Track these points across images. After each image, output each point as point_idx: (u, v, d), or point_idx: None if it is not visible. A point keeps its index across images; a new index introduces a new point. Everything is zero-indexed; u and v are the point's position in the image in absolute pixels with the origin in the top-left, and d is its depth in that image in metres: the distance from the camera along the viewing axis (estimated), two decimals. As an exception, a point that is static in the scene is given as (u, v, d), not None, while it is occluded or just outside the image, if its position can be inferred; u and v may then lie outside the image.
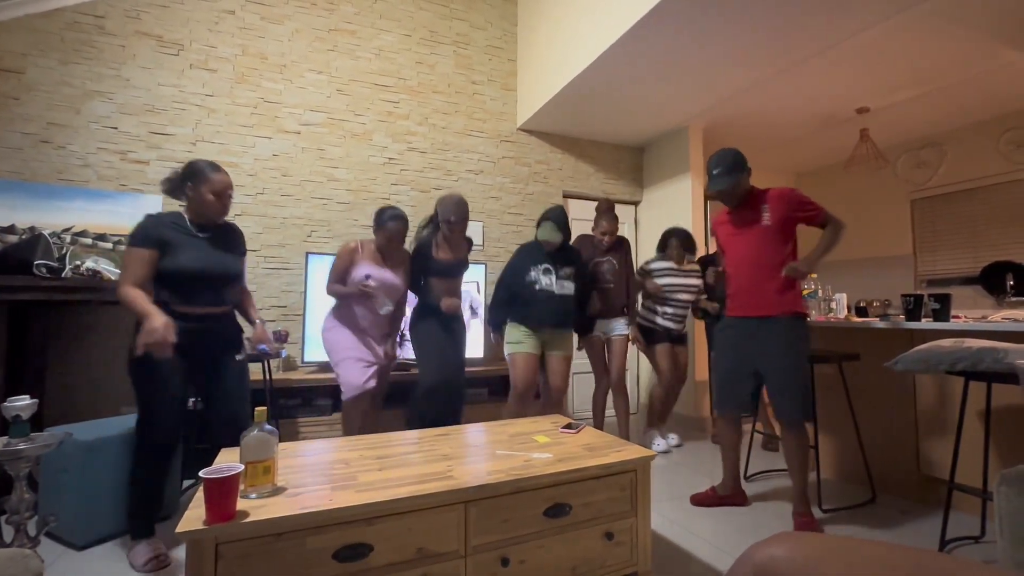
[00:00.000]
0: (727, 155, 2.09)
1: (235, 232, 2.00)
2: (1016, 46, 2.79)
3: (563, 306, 2.64)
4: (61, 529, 1.79)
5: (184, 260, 1.74)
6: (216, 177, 1.81)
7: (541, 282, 2.59)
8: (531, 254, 2.67)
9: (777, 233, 2.05)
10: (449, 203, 2.49)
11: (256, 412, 1.24)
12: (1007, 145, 3.81)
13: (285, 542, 1.11)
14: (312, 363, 2.98)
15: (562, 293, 2.61)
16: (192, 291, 1.77)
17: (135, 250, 1.69)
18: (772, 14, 2.42)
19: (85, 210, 2.72)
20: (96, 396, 2.68)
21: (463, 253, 2.64)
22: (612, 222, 2.97)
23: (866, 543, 0.66)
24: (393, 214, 2.43)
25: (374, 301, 2.33)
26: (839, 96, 3.42)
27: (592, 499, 1.46)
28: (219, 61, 3.06)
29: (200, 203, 1.80)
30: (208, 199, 1.80)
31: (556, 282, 2.60)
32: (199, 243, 1.81)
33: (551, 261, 2.63)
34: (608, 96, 3.39)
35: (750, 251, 2.11)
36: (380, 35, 3.50)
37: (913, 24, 2.54)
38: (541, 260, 2.63)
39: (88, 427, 1.95)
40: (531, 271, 2.61)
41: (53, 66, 2.73)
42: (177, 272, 1.73)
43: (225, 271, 1.85)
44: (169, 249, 1.73)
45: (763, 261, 2.06)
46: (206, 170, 1.81)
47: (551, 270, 2.61)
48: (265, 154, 3.14)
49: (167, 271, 1.72)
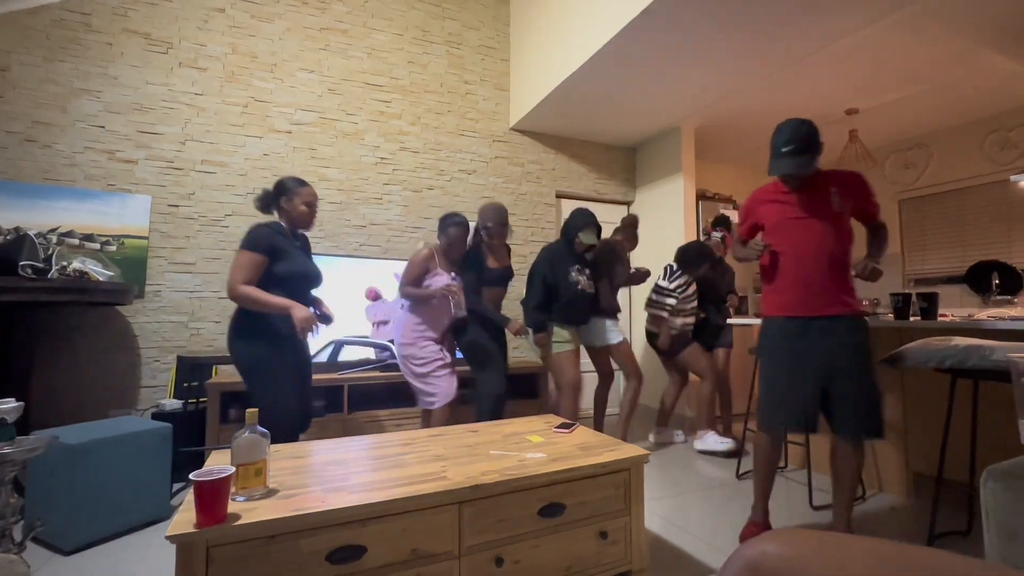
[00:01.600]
0: (801, 130, 1.73)
1: (307, 240, 2.22)
2: (999, 50, 2.84)
3: (591, 303, 2.85)
4: (48, 534, 1.77)
5: (294, 265, 1.96)
6: (306, 190, 2.03)
7: (581, 282, 2.74)
8: (567, 256, 2.78)
9: (847, 221, 1.81)
10: (488, 210, 2.59)
11: (247, 414, 1.23)
12: (991, 146, 3.88)
13: (277, 545, 1.10)
14: (304, 364, 2.95)
15: (591, 292, 2.82)
16: (297, 291, 1.97)
17: (251, 254, 1.86)
18: (762, 16, 2.45)
19: (71, 210, 2.68)
20: (83, 399, 2.65)
21: (507, 261, 2.73)
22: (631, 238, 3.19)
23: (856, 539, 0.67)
24: (455, 220, 2.52)
25: (453, 303, 2.40)
26: (828, 97, 3.46)
27: (586, 498, 1.46)
28: (209, 60, 3.03)
29: (295, 214, 2.01)
30: (302, 210, 2.01)
31: (585, 281, 2.77)
32: (296, 250, 2.02)
33: (580, 261, 2.79)
34: (600, 96, 3.40)
35: (816, 239, 1.78)
36: (372, 34, 3.48)
37: (900, 27, 2.57)
38: (575, 261, 2.77)
39: (75, 430, 1.92)
40: (571, 272, 2.73)
41: (38, 63, 2.68)
42: (291, 275, 1.94)
43: (318, 274, 2.10)
44: (280, 255, 1.93)
45: (832, 252, 1.77)
46: (295, 185, 2.03)
47: (582, 270, 2.77)
48: (256, 154, 3.11)
49: (282, 274, 1.92)
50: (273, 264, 1.91)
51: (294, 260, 1.97)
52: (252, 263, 1.87)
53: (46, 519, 1.65)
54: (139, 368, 2.79)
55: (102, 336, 2.72)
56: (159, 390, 2.81)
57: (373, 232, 3.40)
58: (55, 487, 1.76)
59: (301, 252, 2.06)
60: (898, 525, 2.03)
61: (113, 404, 2.72)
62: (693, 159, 3.91)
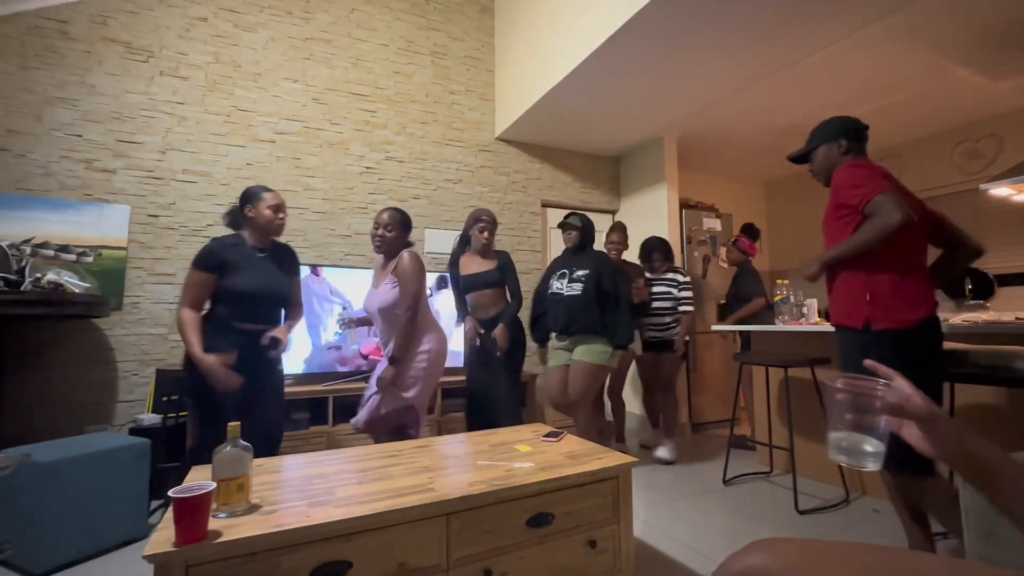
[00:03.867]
0: (826, 121, 1.74)
1: (289, 253, 2.10)
2: (966, 63, 2.96)
3: (569, 306, 2.55)
4: (17, 557, 1.70)
5: (244, 281, 1.85)
6: (268, 195, 1.95)
7: (554, 287, 2.68)
8: (556, 263, 2.79)
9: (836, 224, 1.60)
10: (478, 211, 2.64)
11: (229, 428, 1.21)
12: (960, 156, 4.02)
13: (260, 562, 1.07)
14: (289, 376, 2.90)
15: (570, 294, 2.57)
16: (250, 309, 1.86)
17: (196, 273, 1.80)
18: (740, 31, 2.51)
19: (46, 220, 2.61)
20: (56, 414, 2.56)
21: (491, 264, 2.58)
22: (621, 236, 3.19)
23: (840, 546, 0.68)
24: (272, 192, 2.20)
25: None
26: (805, 108, 3.55)
27: (574, 507, 1.46)
28: (190, 68, 3.00)
29: (261, 221, 1.93)
30: (267, 215, 1.92)
31: (567, 285, 2.62)
32: (259, 263, 1.92)
33: (569, 265, 2.68)
34: (584, 107, 3.44)
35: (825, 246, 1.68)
36: (357, 44, 3.49)
37: (872, 41, 2.67)
38: (562, 266, 2.71)
39: (47, 447, 1.85)
40: (552, 279, 2.71)
41: (12, 71, 2.63)
42: (236, 291, 1.84)
43: (280, 291, 1.97)
44: (230, 270, 1.84)
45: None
46: (260, 191, 1.95)
47: (566, 274, 2.66)
48: (239, 163, 3.08)
49: (227, 290, 1.83)
50: (222, 280, 1.83)
51: (245, 275, 1.86)
52: (198, 282, 1.80)
53: (15, 541, 1.59)
54: (116, 382, 2.72)
55: (77, 349, 2.64)
56: (137, 404, 2.73)
57: (358, 242, 3.37)
58: (25, 507, 1.70)
59: (264, 265, 1.94)
60: (888, 527, 2.06)
61: (88, 419, 2.63)
62: (676, 168, 3.98)
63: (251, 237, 1.96)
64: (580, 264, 2.61)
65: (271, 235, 1.98)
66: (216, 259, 1.82)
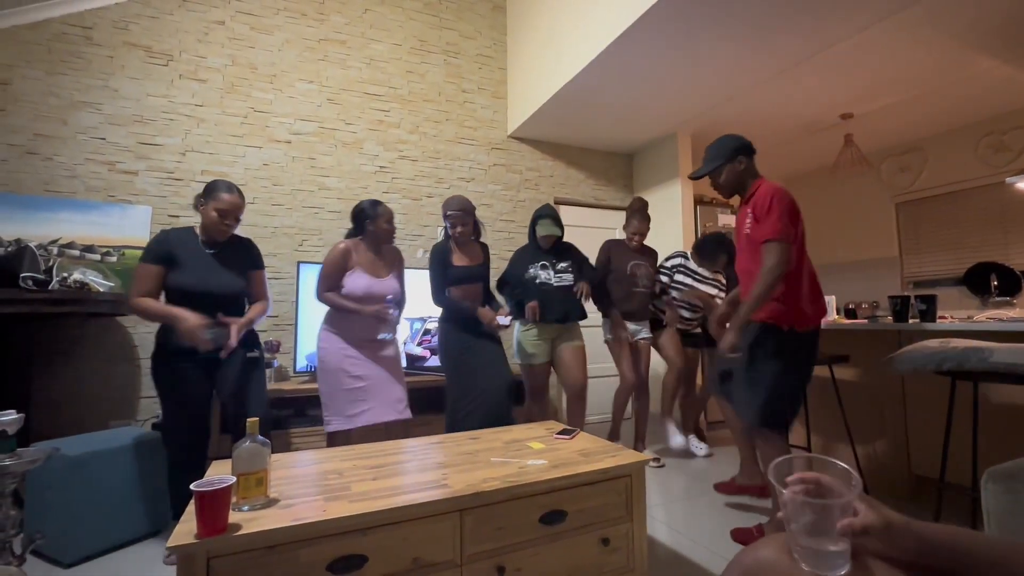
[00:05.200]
0: (719, 141, 1.98)
1: (246, 248, 2.05)
2: (991, 54, 2.87)
3: (563, 296, 2.61)
4: (48, 547, 1.76)
5: (184, 278, 1.82)
6: (225, 197, 1.88)
7: (540, 276, 2.63)
8: (526, 254, 2.73)
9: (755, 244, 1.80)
10: (451, 201, 2.48)
11: (248, 423, 1.23)
12: (985, 149, 3.90)
13: (278, 555, 1.09)
14: (304, 373, 2.95)
15: (560, 285, 2.63)
16: (194, 308, 1.78)
17: (144, 265, 1.79)
18: (756, 23, 2.47)
19: (72, 221, 2.69)
20: (83, 410, 2.64)
21: (480, 258, 2.57)
22: (643, 222, 2.99)
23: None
24: (383, 206, 2.31)
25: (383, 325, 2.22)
26: (823, 102, 3.48)
27: (587, 505, 1.46)
28: (209, 71, 3.06)
29: (205, 219, 1.89)
30: (211, 216, 1.87)
31: (554, 276, 2.64)
32: (205, 260, 1.88)
33: (547, 257, 2.68)
34: (597, 104, 3.42)
35: (741, 258, 1.95)
36: (370, 45, 3.52)
37: (894, 32, 2.60)
38: (539, 258, 2.68)
39: (75, 442, 1.92)
40: (529, 269, 2.65)
41: (40, 77, 2.71)
42: (177, 289, 1.82)
43: (223, 290, 1.90)
44: (175, 265, 1.81)
45: (747, 274, 1.88)
46: (219, 189, 1.89)
47: (548, 265, 2.66)
48: (255, 163, 3.13)
49: (169, 287, 1.82)
50: (167, 275, 1.81)
51: (187, 272, 1.82)
52: (145, 274, 1.78)
53: (45, 531, 1.64)
54: (139, 378, 2.79)
55: (103, 347, 2.72)
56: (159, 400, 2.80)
57: (372, 240, 3.41)
58: (55, 499, 1.76)
59: (210, 263, 1.88)
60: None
61: (113, 415, 2.71)
62: (690, 165, 3.93)
63: (201, 232, 1.92)
64: (558, 255, 2.70)
65: (214, 237, 1.92)
66: (162, 251, 1.80)
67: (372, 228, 2.25)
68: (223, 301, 1.91)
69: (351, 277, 2.21)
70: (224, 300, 1.91)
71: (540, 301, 2.57)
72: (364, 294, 2.20)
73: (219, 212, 1.87)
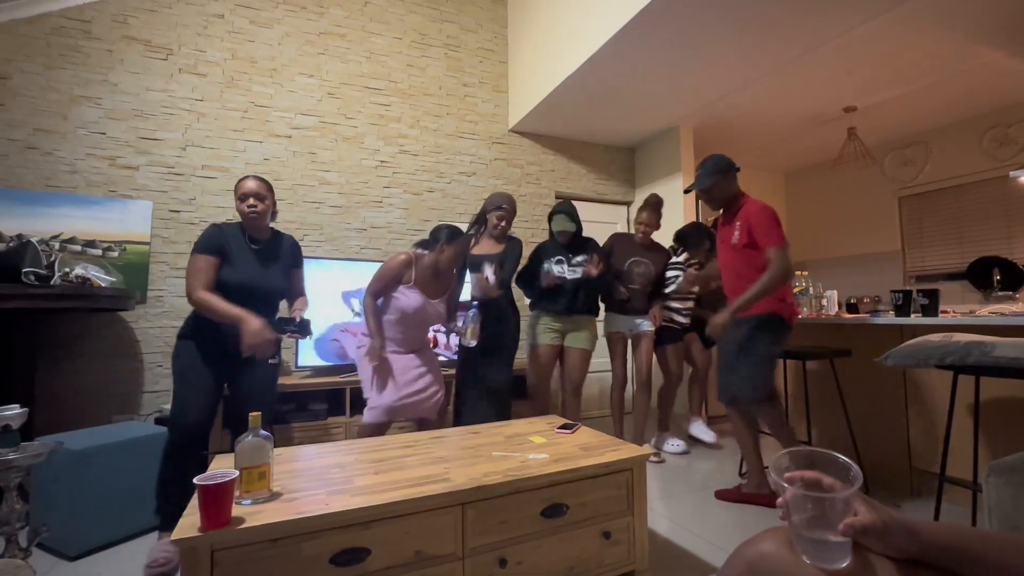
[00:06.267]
0: (712, 158, 2.20)
1: (289, 246, 2.06)
2: (996, 45, 2.84)
3: (574, 289, 2.68)
4: (53, 540, 1.77)
5: (232, 273, 1.83)
6: (245, 182, 1.90)
7: (554, 271, 2.69)
8: (544, 250, 2.79)
9: (746, 252, 2.10)
10: (498, 196, 2.60)
11: (250, 418, 1.24)
12: (990, 142, 3.88)
13: (281, 548, 1.10)
14: (306, 368, 2.96)
15: (572, 278, 2.68)
16: (239, 302, 1.78)
17: (200, 256, 1.78)
18: (759, 16, 2.45)
19: (73, 217, 2.69)
20: (86, 405, 2.65)
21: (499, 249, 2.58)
22: (653, 216, 2.95)
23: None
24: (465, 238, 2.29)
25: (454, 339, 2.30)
26: (826, 95, 3.46)
27: (589, 499, 1.46)
28: (208, 65, 3.05)
29: (240, 215, 1.90)
30: (241, 209, 1.89)
31: (568, 269, 2.69)
32: (249, 257, 1.89)
33: (564, 252, 2.73)
34: (598, 97, 3.40)
35: (727, 264, 2.23)
36: (370, 38, 3.50)
37: (897, 24, 2.58)
38: (556, 253, 2.73)
39: (79, 436, 1.93)
40: (544, 263, 2.72)
41: (39, 71, 2.70)
42: (225, 283, 1.81)
43: (268, 287, 1.92)
44: (225, 259, 1.82)
45: (736, 276, 2.16)
46: (241, 179, 1.92)
47: (563, 260, 2.71)
48: (256, 158, 3.13)
49: (223, 281, 1.81)
50: (219, 269, 1.80)
51: (236, 267, 1.84)
52: (203, 265, 1.77)
53: (50, 525, 1.66)
54: (142, 373, 2.80)
55: (105, 342, 2.73)
56: (162, 395, 2.82)
57: (374, 235, 3.41)
58: (59, 493, 1.77)
59: (255, 259, 1.91)
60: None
61: (116, 409, 2.73)
62: (692, 159, 3.91)
63: (246, 227, 1.94)
64: (575, 251, 2.74)
65: (250, 229, 1.93)
66: (215, 243, 1.81)
67: (443, 253, 2.18)
68: (268, 299, 1.94)
69: (405, 293, 2.20)
70: (269, 298, 1.95)
71: (551, 292, 2.67)
72: (414, 313, 2.21)
73: (240, 197, 1.88)
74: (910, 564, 0.60)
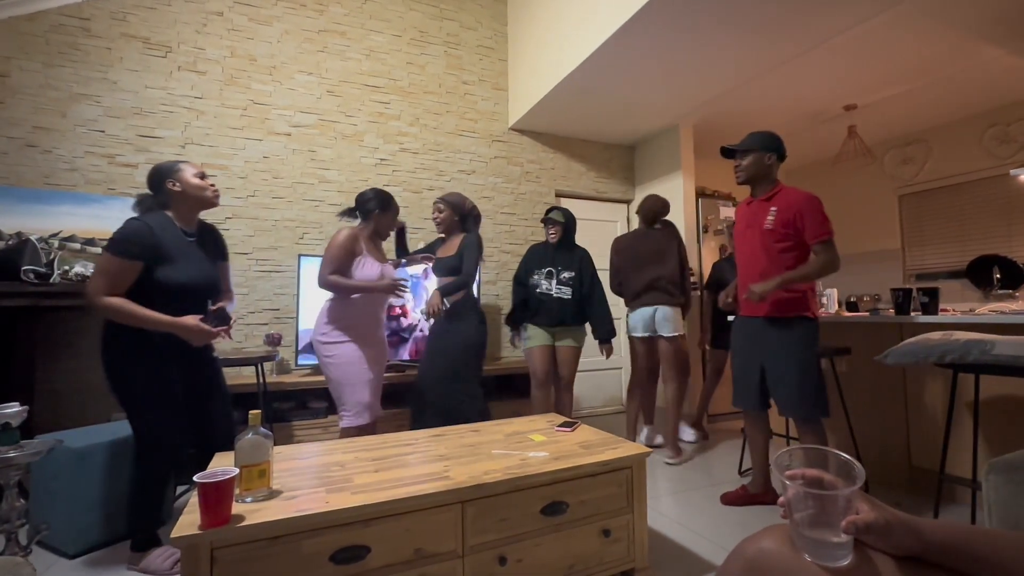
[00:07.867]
0: (762, 132, 2.09)
1: (214, 236, 1.88)
2: (996, 43, 2.84)
3: (559, 307, 2.74)
4: (52, 537, 1.77)
5: (176, 272, 1.62)
6: (188, 164, 1.75)
7: (542, 286, 2.74)
8: (536, 255, 2.82)
9: (779, 238, 1.97)
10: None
11: (250, 416, 1.24)
12: (990, 140, 3.87)
13: (281, 546, 1.10)
14: (305, 366, 2.96)
15: (559, 297, 2.74)
16: (181, 305, 1.62)
17: (120, 260, 1.53)
18: (759, 13, 2.44)
19: (72, 215, 2.68)
20: (86, 402, 2.65)
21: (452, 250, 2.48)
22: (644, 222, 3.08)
23: None
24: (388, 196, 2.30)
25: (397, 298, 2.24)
26: (827, 93, 3.45)
27: (588, 496, 1.47)
28: (208, 63, 3.04)
29: (191, 192, 1.69)
30: (195, 182, 1.70)
31: (555, 287, 2.73)
32: (190, 250, 1.70)
33: (554, 263, 2.75)
34: (599, 95, 3.40)
35: (748, 245, 2.09)
36: (370, 36, 3.49)
37: (897, 22, 2.57)
38: (546, 262, 2.75)
39: (78, 434, 1.93)
40: (535, 274, 2.75)
41: (38, 69, 2.69)
42: (169, 285, 1.61)
43: (211, 282, 1.76)
44: (163, 259, 1.60)
45: (762, 265, 2.01)
46: (176, 163, 1.74)
47: (553, 273, 2.74)
48: (255, 156, 3.12)
49: (159, 283, 1.59)
50: (153, 271, 1.58)
51: (181, 267, 1.63)
52: (119, 270, 1.53)
53: (50, 522, 1.66)
54: (141, 371, 2.80)
55: (104, 340, 2.72)
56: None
57: (373, 233, 3.40)
58: (59, 491, 1.77)
59: (196, 252, 1.72)
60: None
61: (115, 407, 2.71)
62: (692, 157, 3.91)
63: (178, 218, 1.70)
64: (565, 264, 2.76)
65: (204, 207, 1.74)
66: (146, 244, 1.56)
67: (382, 219, 2.24)
68: (211, 295, 1.75)
69: (363, 263, 2.17)
70: (211, 294, 1.76)
71: (537, 308, 2.74)
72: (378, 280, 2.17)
73: (199, 176, 1.70)
74: (911, 562, 0.60)
